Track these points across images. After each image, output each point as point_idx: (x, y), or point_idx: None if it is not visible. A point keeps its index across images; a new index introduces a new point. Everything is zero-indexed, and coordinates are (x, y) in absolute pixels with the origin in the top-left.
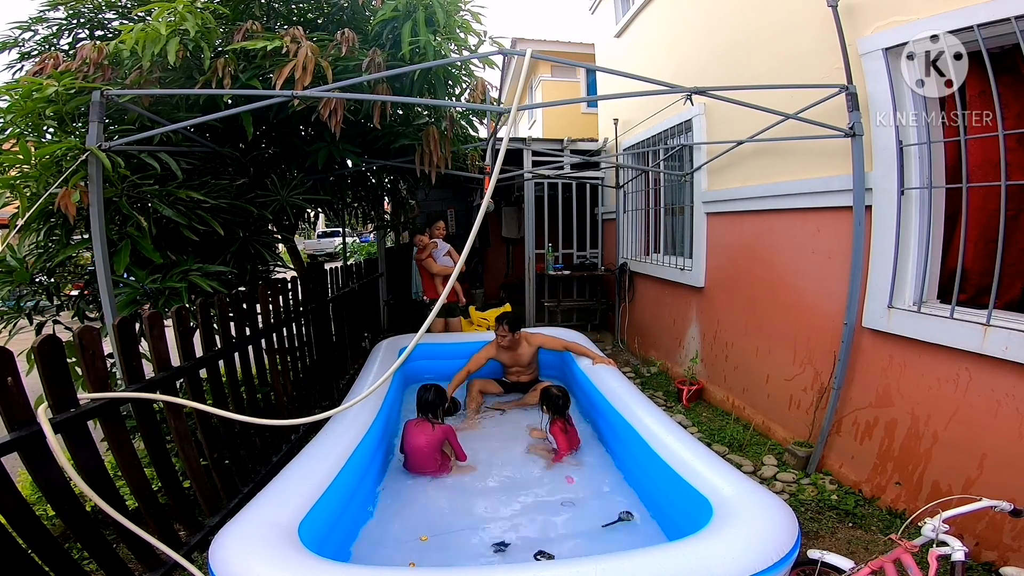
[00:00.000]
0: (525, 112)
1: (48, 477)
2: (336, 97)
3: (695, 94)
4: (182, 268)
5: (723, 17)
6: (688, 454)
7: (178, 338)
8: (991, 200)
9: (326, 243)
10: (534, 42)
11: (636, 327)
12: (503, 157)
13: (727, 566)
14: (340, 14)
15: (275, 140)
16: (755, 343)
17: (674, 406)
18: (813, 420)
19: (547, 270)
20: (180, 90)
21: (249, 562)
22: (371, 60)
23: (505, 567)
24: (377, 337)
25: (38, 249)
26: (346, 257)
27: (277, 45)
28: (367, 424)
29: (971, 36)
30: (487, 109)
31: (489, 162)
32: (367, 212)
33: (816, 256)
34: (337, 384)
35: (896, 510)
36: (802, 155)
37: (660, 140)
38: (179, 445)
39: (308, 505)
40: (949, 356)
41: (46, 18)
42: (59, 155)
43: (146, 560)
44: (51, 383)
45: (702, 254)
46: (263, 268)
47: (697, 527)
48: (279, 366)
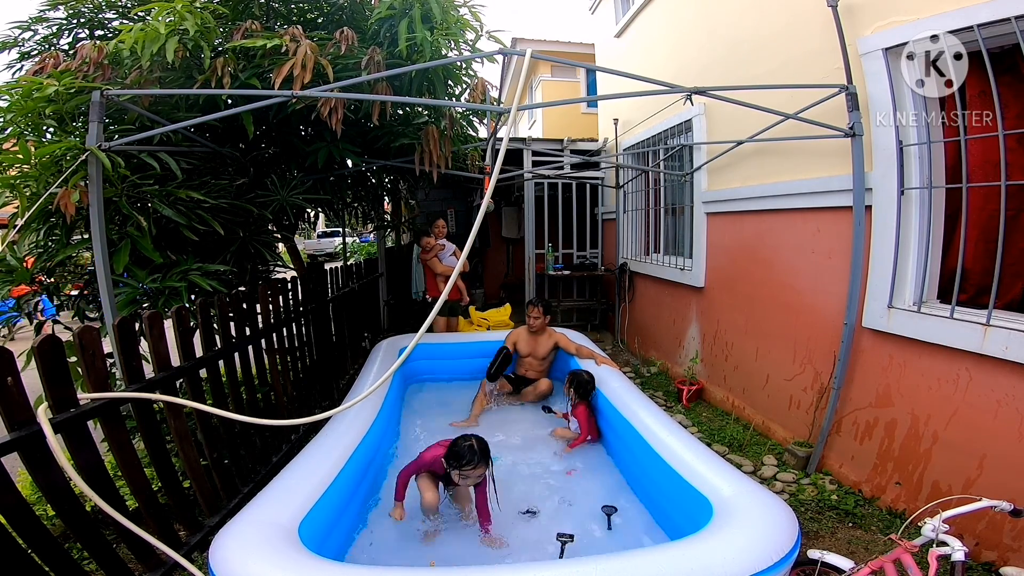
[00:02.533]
0: (525, 112)
1: (48, 477)
2: (335, 96)
3: (695, 94)
4: (182, 268)
5: (723, 17)
6: (688, 454)
7: (178, 338)
8: (991, 200)
9: (326, 243)
10: (534, 42)
11: (636, 327)
12: (503, 157)
13: (727, 566)
14: (339, 13)
15: (275, 140)
16: (755, 343)
17: (674, 406)
18: (813, 420)
19: (547, 270)
20: (180, 90)
21: (249, 562)
22: (370, 59)
23: (505, 567)
24: (377, 337)
25: (38, 248)
26: (346, 257)
27: (276, 44)
28: (367, 424)
29: (971, 36)
30: (487, 109)
31: (489, 162)
32: (367, 212)
33: (816, 256)
34: (337, 384)
35: (896, 510)
36: (802, 155)
37: (660, 140)
38: (179, 445)
39: (308, 505)
40: (949, 356)
41: (46, 18)
42: (59, 155)
43: (146, 560)
44: (51, 383)
45: (702, 254)
46: (263, 268)
47: (697, 527)
48: (279, 366)
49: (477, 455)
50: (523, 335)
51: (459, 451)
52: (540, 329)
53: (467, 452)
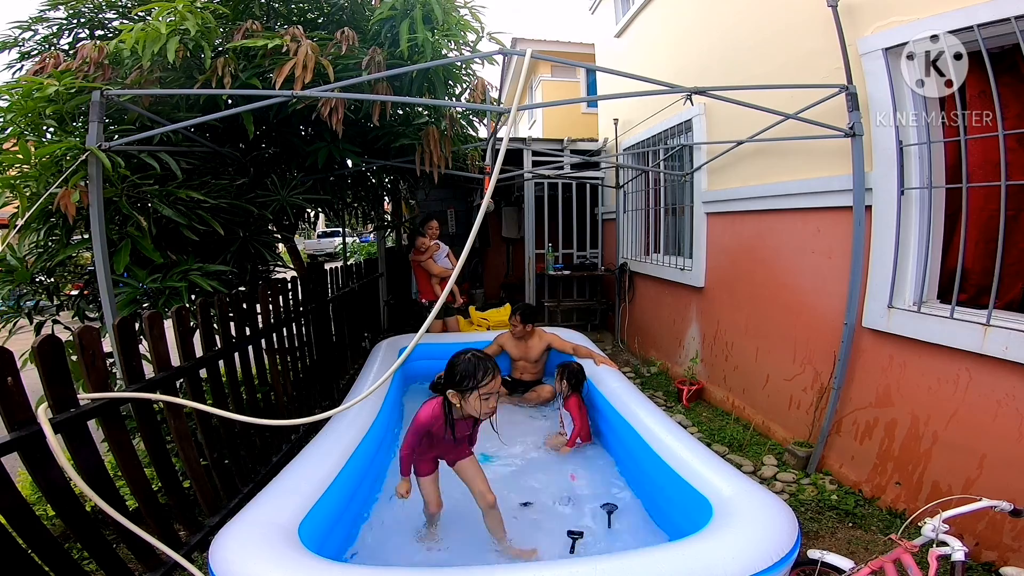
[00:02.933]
0: (525, 112)
1: (48, 477)
2: (336, 97)
3: (695, 94)
4: (182, 268)
5: (723, 17)
6: (688, 454)
7: (178, 338)
8: (991, 200)
9: (326, 243)
10: (534, 42)
11: (636, 327)
12: (503, 157)
13: (727, 566)
14: (340, 14)
15: (275, 140)
16: (755, 343)
17: (674, 406)
18: (813, 420)
19: (547, 270)
20: (180, 90)
21: (249, 562)
22: (371, 59)
23: (505, 567)
24: (377, 337)
25: (38, 249)
26: (346, 257)
27: (277, 44)
28: (367, 424)
29: (971, 36)
30: (487, 109)
31: (489, 162)
32: (367, 212)
33: (816, 256)
34: (337, 384)
35: (896, 510)
36: (802, 155)
37: (660, 140)
38: (179, 445)
39: (308, 505)
40: (949, 356)
41: (46, 18)
42: (59, 155)
43: (146, 560)
44: (51, 383)
45: (702, 254)
46: (263, 268)
47: (697, 527)
48: (279, 366)
49: (487, 361)
50: (510, 339)
51: (466, 369)
52: (524, 335)
53: (476, 365)
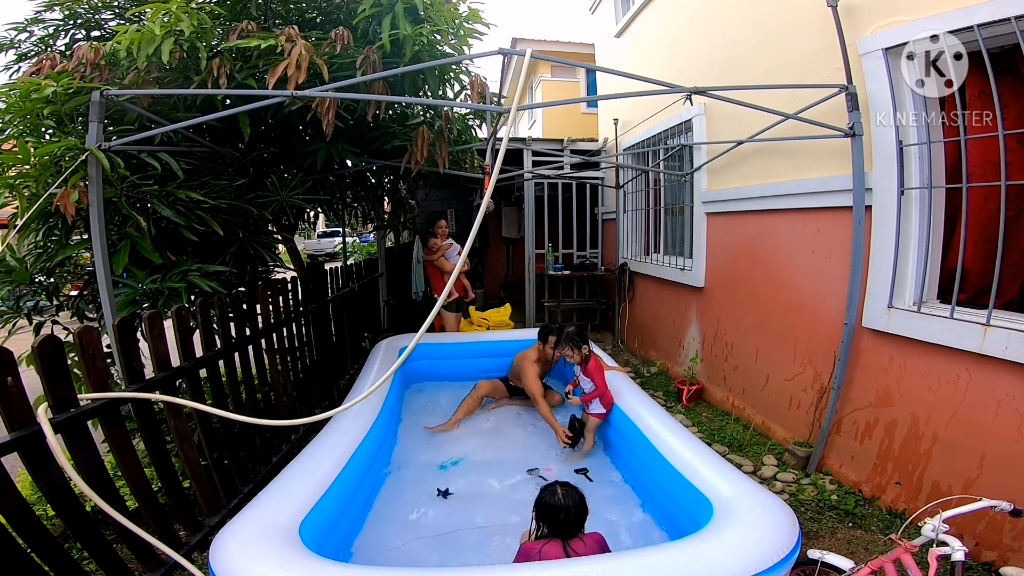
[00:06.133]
0: (525, 112)
1: (48, 477)
2: (330, 96)
3: (695, 94)
4: (182, 268)
5: (723, 17)
6: (689, 454)
7: (178, 338)
8: (991, 200)
9: (326, 243)
10: (534, 42)
11: (636, 327)
12: (503, 157)
13: (728, 566)
14: (337, 13)
15: (274, 140)
16: (755, 343)
17: (674, 406)
18: (813, 420)
19: (547, 270)
20: (176, 90)
21: (249, 562)
22: (366, 58)
23: (505, 567)
24: (377, 337)
25: (38, 249)
26: (346, 257)
27: (272, 44)
28: (367, 424)
29: (971, 36)
30: (487, 109)
31: (489, 162)
32: (367, 212)
33: (816, 256)
34: (337, 384)
35: (896, 510)
36: (802, 155)
37: (660, 140)
38: (179, 445)
39: (308, 505)
40: (949, 356)
41: (42, 19)
42: (58, 155)
43: (146, 560)
44: (51, 383)
45: (702, 254)
46: (263, 268)
47: (698, 527)
48: (279, 366)
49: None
50: (534, 356)
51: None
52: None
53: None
